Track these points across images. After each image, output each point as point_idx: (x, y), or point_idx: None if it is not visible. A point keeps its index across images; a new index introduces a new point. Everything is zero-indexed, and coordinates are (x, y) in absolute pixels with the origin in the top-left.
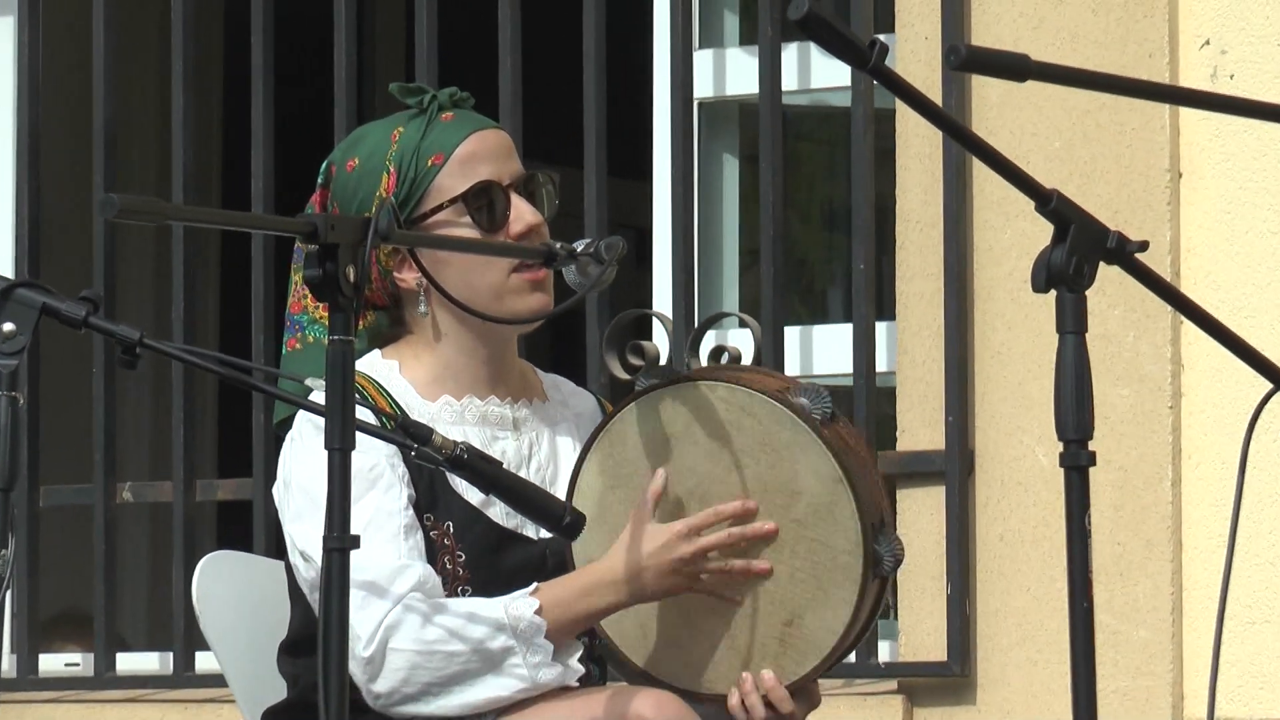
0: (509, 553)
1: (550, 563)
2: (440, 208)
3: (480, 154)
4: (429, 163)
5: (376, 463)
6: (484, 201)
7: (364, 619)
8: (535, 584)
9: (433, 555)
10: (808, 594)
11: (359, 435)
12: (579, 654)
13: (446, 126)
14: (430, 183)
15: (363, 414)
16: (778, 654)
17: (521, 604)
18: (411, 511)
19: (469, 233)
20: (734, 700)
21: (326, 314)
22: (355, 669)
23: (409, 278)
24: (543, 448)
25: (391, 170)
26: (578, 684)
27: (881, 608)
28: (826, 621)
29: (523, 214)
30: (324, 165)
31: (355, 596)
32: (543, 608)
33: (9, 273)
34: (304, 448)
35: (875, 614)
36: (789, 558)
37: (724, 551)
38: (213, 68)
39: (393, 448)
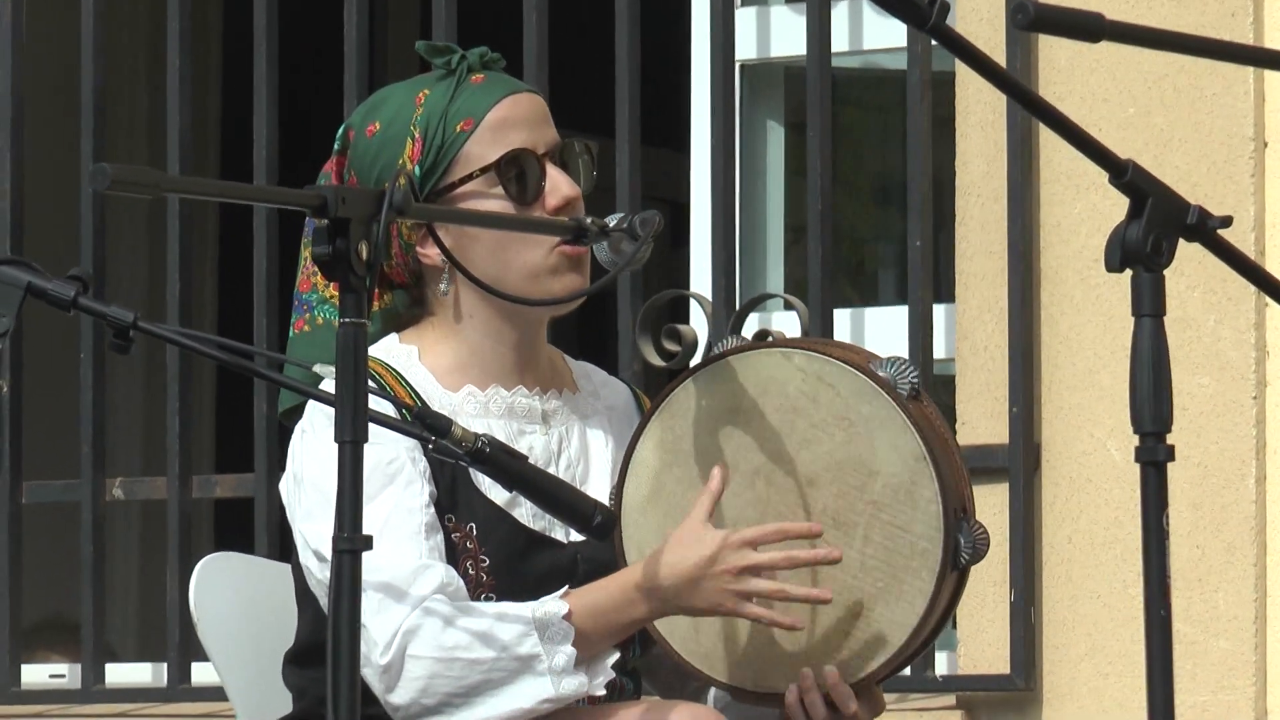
0: (537, 557)
1: (582, 569)
2: (469, 177)
3: (514, 120)
4: (457, 128)
5: (396, 456)
6: (516, 171)
7: (381, 624)
8: (566, 588)
9: (454, 559)
10: (879, 584)
11: (374, 427)
12: (613, 660)
13: (477, 89)
14: (459, 150)
15: (376, 403)
16: (842, 649)
17: (550, 608)
18: (433, 509)
19: (500, 205)
20: (791, 697)
21: (338, 293)
22: (372, 678)
23: (433, 253)
24: (573, 443)
25: (417, 136)
26: (606, 695)
27: (957, 605)
28: (898, 615)
29: (559, 186)
30: (341, 130)
31: (372, 600)
32: (573, 612)
33: None
34: (316, 440)
35: (951, 610)
36: (860, 544)
37: (782, 573)
38: (211, 27)
39: (414, 440)
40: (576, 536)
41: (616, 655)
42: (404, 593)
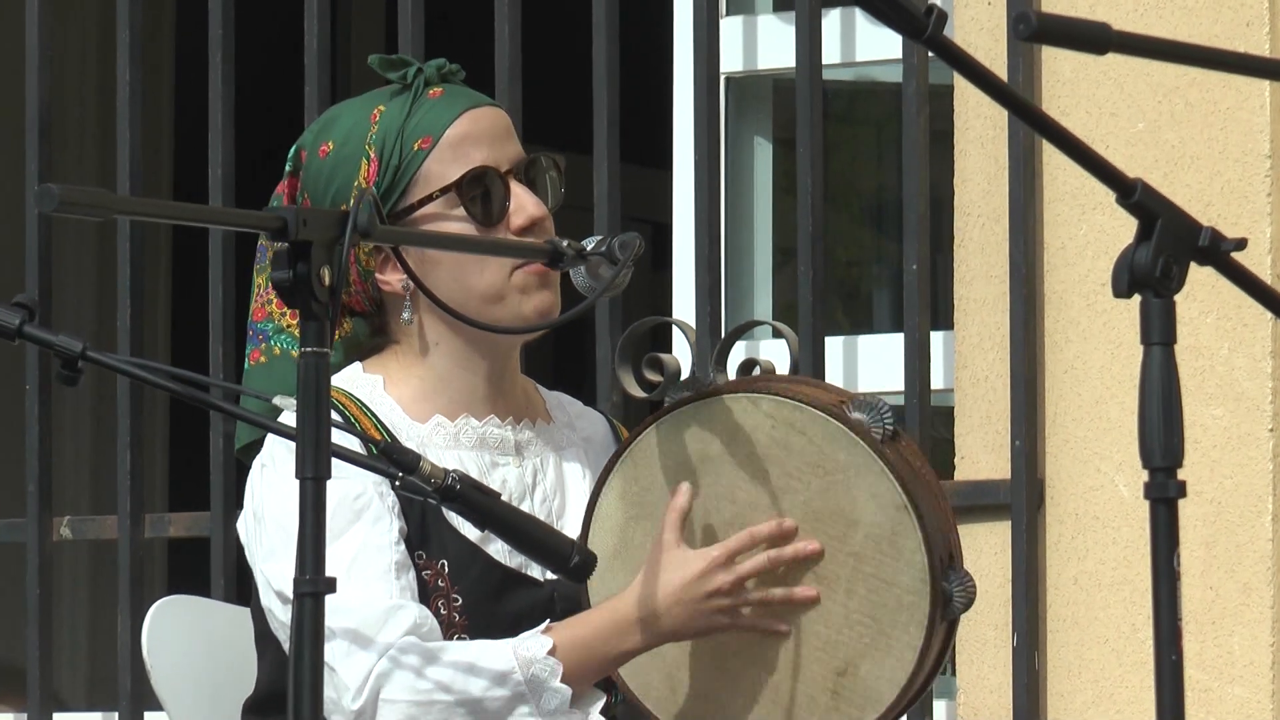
0: (512, 596)
1: (559, 607)
2: (429, 198)
3: (474, 135)
4: (415, 146)
5: (363, 490)
6: (479, 190)
7: (351, 667)
8: (548, 622)
9: (425, 598)
10: (865, 639)
11: (337, 462)
12: (600, 705)
13: (435, 104)
14: (417, 169)
15: (340, 437)
16: (829, 709)
17: (533, 644)
18: (403, 546)
19: (462, 226)
20: None
21: (297, 322)
22: None
23: (393, 280)
24: (548, 476)
25: (372, 156)
26: None
27: (948, 656)
28: (886, 671)
29: (524, 204)
30: (293, 150)
31: (341, 643)
32: (557, 648)
33: None
34: (276, 474)
35: (940, 663)
36: (844, 598)
37: (762, 579)
38: (163, 38)
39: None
40: (552, 574)
41: (604, 698)
42: (375, 634)
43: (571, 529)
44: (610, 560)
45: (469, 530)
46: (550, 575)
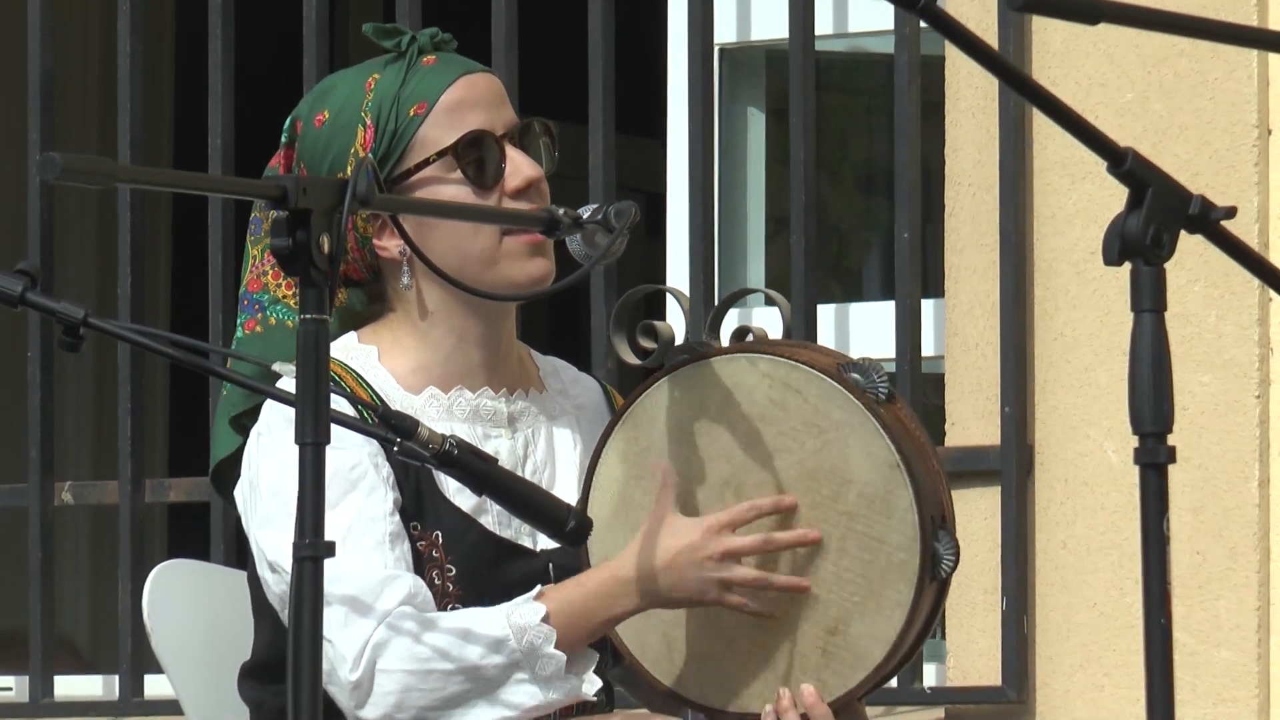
0: (506, 566)
1: (553, 577)
2: (426, 163)
3: (469, 100)
4: (410, 112)
5: (359, 461)
6: (475, 154)
7: (349, 637)
8: (540, 587)
9: (420, 568)
10: (856, 598)
11: (335, 429)
12: (594, 665)
13: (429, 71)
14: (413, 135)
15: (337, 403)
16: (819, 667)
17: (526, 611)
18: (398, 517)
19: (459, 189)
20: (768, 719)
21: (292, 292)
22: (340, 695)
23: (391, 246)
24: (539, 446)
25: (368, 123)
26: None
27: (938, 617)
28: (876, 630)
29: (520, 167)
30: (288, 121)
31: (338, 613)
32: (550, 614)
33: None
34: (273, 443)
35: (931, 623)
36: (835, 556)
37: (762, 562)
38: (164, 10)
39: (376, 444)
40: (546, 544)
41: (597, 659)
42: (371, 604)
43: (562, 496)
44: (610, 519)
45: (463, 501)
46: (544, 545)
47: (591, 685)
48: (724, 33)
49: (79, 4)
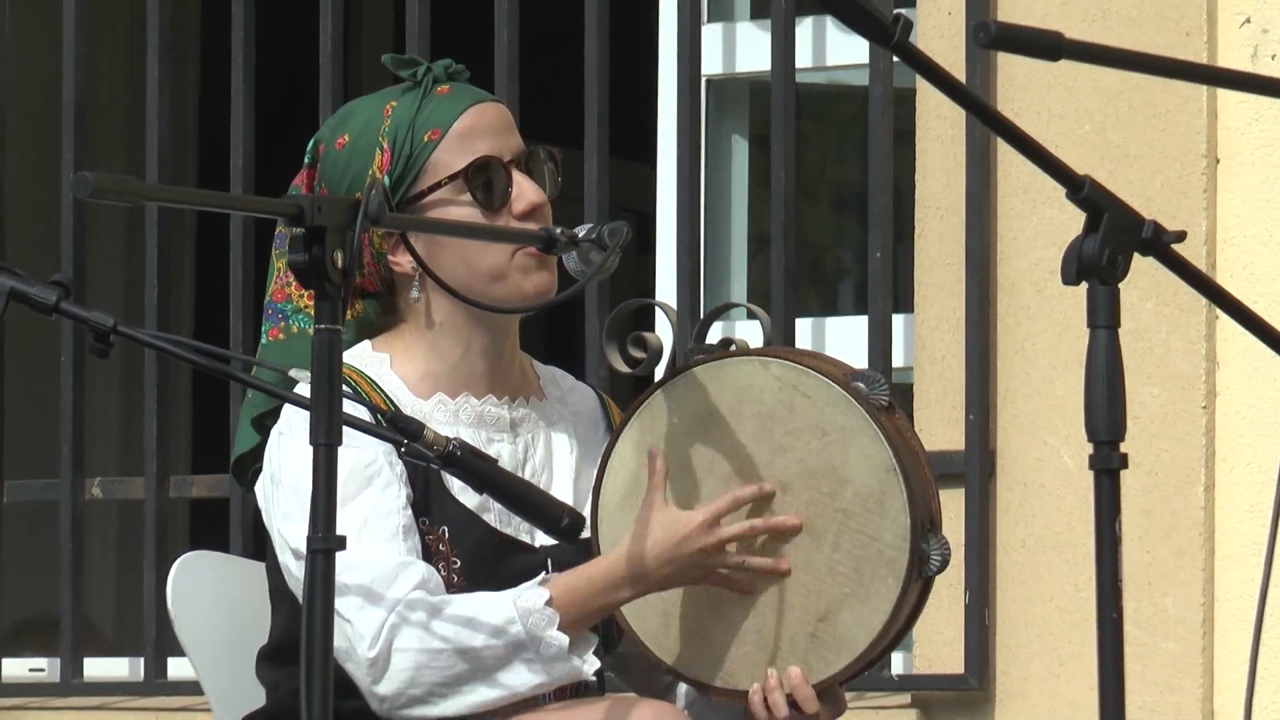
0: (508, 560)
1: (551, 571)
2: (438, 185)
3: (479, 128)
4: (425, 138)
5: (374, 459)
6: (484, 178)
7: (367, 619)
8: (544, 574)
9: (427, 560)
10: (846, 589)
11: (351, 430)
12: (594, 647)
13: (443, 100)
14: (427, 159)
15: (350, 407)
16: (807, 651)
17: (531, 595)
18: (410, 512)
19: (468, 211)
20: (755, 696)
21: (313, 300)
22: (358, 672)
23: (403, 261)
24: (538, 451)
25: (385, 147)
26: (572, 694)
27: (921, 612)
28: (863, 619)
29: (525, 191)
30: (311, 143)
31: (356, 597)
32: (554, 599)
33: None
34: (293, 442)
35: (914, 618)
36: (829, 549)
37: (744, 544)
38: (189, 38)
39: (389, 443)
40: (545, 540)
41: (597, 642)
42: (387, 589)
43: (558, 498)
44: (622, 502)
45: (468, 499)
46: (543, 541)
47: (591, 666)
48: (711, 65)
49: (109, 34)
